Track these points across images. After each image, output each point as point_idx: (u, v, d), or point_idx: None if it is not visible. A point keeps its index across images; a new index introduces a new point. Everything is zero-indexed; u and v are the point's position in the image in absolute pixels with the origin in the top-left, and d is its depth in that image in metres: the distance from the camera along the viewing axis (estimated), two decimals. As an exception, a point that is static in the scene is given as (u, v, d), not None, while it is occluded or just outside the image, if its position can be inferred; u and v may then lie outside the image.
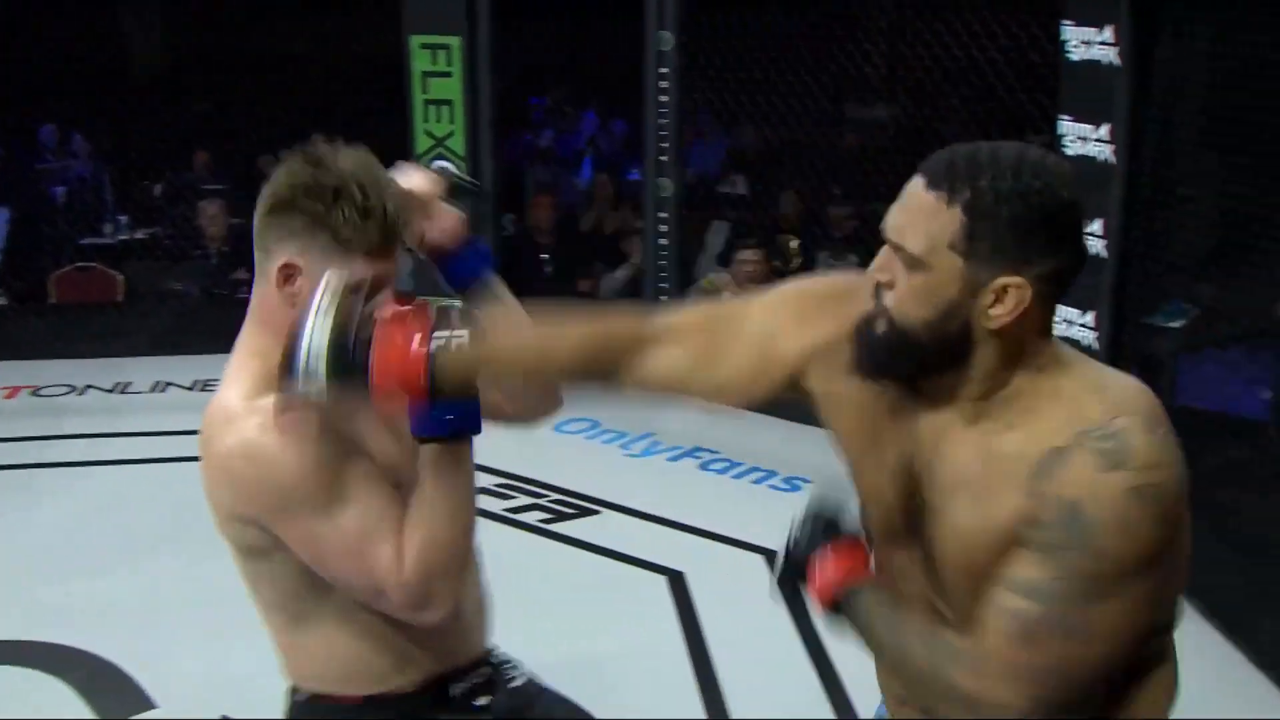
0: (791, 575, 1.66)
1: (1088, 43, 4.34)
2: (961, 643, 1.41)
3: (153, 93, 8.00)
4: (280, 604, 1.82)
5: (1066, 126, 4.49)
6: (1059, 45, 4.50)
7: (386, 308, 1.67)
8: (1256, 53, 3.74)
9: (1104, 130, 4.34)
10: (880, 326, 1.41)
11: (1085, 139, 4.40)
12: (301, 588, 1.76)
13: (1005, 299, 1.35)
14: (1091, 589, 1.33)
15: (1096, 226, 4.41)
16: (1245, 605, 3.81)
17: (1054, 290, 1.38)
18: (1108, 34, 4.27)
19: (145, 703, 3.27)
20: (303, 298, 1.63)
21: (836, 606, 1.56)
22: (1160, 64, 4.21)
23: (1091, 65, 4.34)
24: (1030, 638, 1.35)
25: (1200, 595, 3.91)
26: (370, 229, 1.70)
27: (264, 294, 1.80)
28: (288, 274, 1.74)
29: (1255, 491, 3.92)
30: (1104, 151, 4.34)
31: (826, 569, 1.58)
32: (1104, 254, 4.39)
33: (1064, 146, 4.51)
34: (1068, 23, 4.43)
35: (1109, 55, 4.27)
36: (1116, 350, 4.45)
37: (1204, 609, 3.86)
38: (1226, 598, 3.87)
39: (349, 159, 1.75)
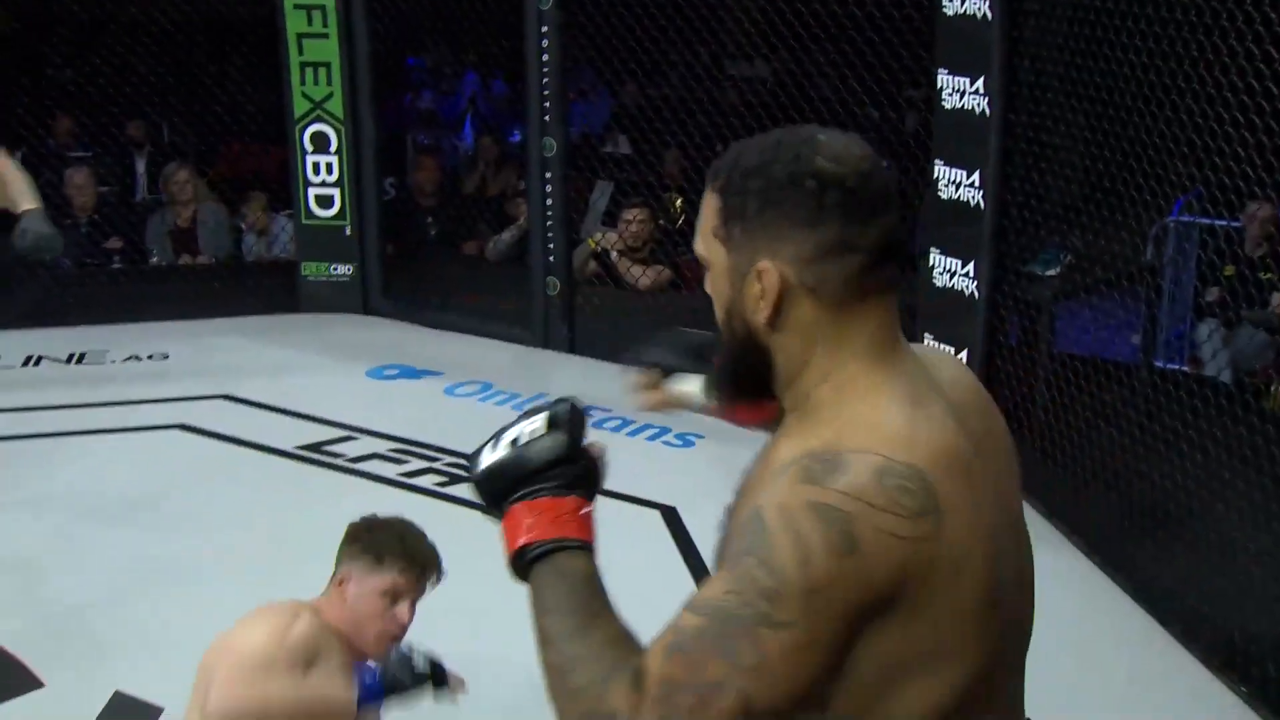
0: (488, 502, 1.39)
1: (962, -1, 4.41)
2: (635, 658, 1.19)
3: (5, 56, 7.68)
4: None
5: (944, 80, 4.56)
6: (934, 1, 4.56)
7: None
8: (1118, 4, 3.83)
9: (980, 83, 4.41)
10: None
11: (963, 92, 4.47)
12: None
13: (762, 284, 1.23)
14: (760, 610, 1.12)
15: (975, 178, 4.50)
16: (1121, 540, 3.95)
17: (828, 278, 1.22)
18: (980, -10, 4.34)
19: (31, 681, 3.18)
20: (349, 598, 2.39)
21: (522, 564, 1.30)
22: (1029, 15, 4.29)
23: (966, 19, 4.41)
24: (680, 650, 1.15)
25: (1081, 532, 4.05)
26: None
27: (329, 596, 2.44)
28: (341, 580, 2.42)
29: (1128, 433, 4.05)
30: (980, 104, 4.41)
31: (521, 512, 1.32)
32: (982, 205, 4.48)
33: (943, 100, 4.58)
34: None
35: (982, 8, 4.34)
36: (997, 299, 4.55)
37: (1084, 546, 4.00)
38: (1104, 533, 4.00)
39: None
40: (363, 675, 2.25)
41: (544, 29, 5.83)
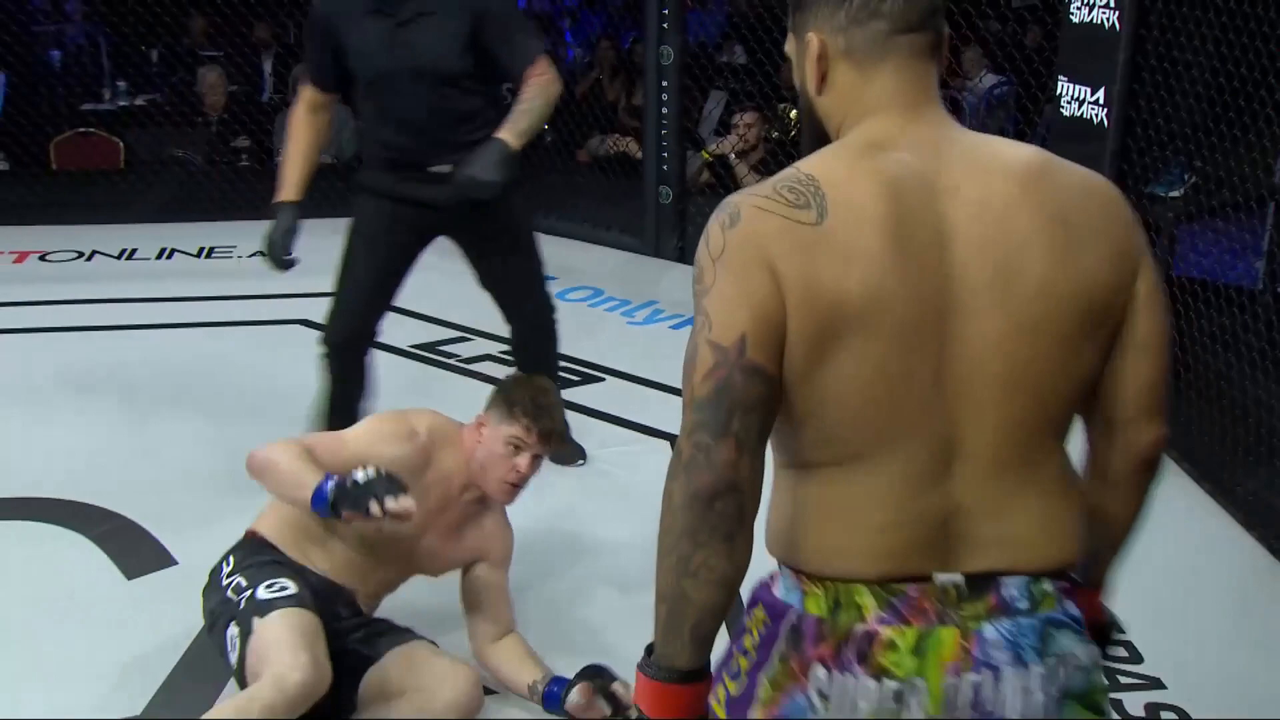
0: None
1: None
2: None
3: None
4: None
5: (1073, -7, 4.40)
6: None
7: None
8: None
9: (1110, -4, 4.25)
10: None
11: (1092, 5, 4.31)
12: None
13: (807, 55, 1.47)
14: (697, 291, 1.40)
15: (1099, 95, 4.35)
16: (1234, 467, 3.85)
17: (856, 42, 1.44)
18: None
19: (167, 558, 3.30)
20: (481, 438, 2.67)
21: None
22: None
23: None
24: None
25: (1192, 459, 3.96)
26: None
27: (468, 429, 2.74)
28: (480, 423, 2.69)
29: (1245, 360, 3.93)
30: (1110, 18, 4.25)
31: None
32: (1106, 122, 4.34)
33: (1070, 14, 4.42)
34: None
35: (1117, -80, 4.16)
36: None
37: (1194, 472, 3.91)
38: (1216, 460, 3.91)
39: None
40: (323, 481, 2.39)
41: (665, -65, 5.74)
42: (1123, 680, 2.84)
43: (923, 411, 1.38)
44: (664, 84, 5.96)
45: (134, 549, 3.33)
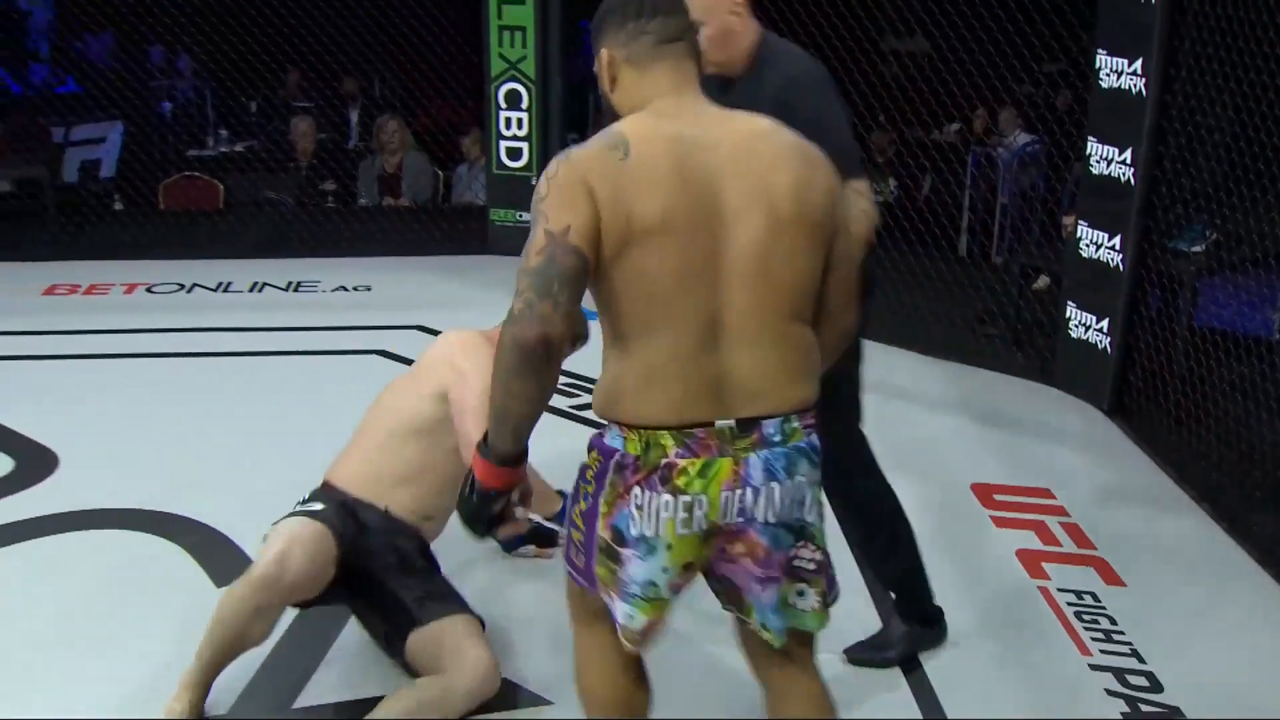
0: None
1: (1125, -19, 4.23)
2: None
3: (248, 17, 7.95)
4: None
5: (1103, 60, 4.39)
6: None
7: None
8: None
9: (1138, 64, 4.23)
10: None
11: (1120, 72, 4.30)
12: None
13: (602, 65, 1.99)
14: (535, 213, 1.84)
15: (1126, 155, 4.33)
16: (1249, 507, 3.80)
17: (634, 51, 1.94)
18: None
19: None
20: None
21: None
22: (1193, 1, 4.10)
23: (1130, 2, 4.22)
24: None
25: (1210, 499, 3.90)
26: None
27: None
28: None
29: (1263, 406, 3.88)
30: (1137, 84, 4.24)
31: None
32: (1132, 181, 4.31)
33: (1100, 79, 4.41)
34: (1107, -39, 4.31)
35: (1145, -7, 4.16)
36: (1141, 272, 4.39)
37: (1212, 511, 3.86)
38: (1233, 500, 3.86)
39: None
40: None
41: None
42: (1144, 709, 2.81)
43: (698, 297, 1.84)
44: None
45: (222, 558, 3.38)
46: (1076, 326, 4.64)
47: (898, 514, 2.91)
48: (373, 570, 2.77)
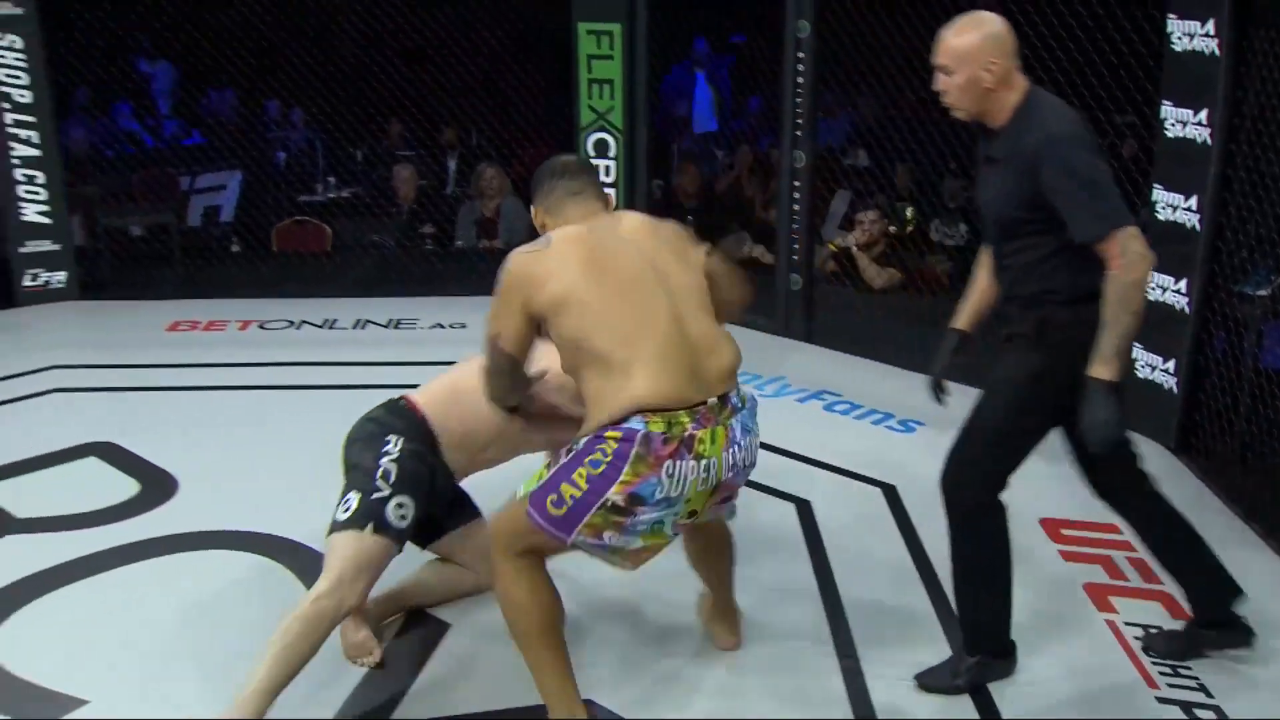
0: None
1: (1191, 35, 4.17)
2: None
3: (354, 72, 8.16)
4: None
5: (1168, 110, 4.33)
6: (1163, 36, 4.32)
7: None
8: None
9: (1203, 115, 4.17)
10: None
11: (1185, 122, 4.23)
12: None
13: (534, 217, 2.78)
14: (489, 314, 2.64)
15: (1192, 202, 4.26)
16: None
17: (551, 203, 2.75)
18: (1210, 27, 4.09)
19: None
20: None
21: None
22: (1257, 54, 4.02)
23: (1194, 55, 4.16)
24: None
25: (1277, 535, 3.80)
26: None
27: None
28: None
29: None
30: (1202, 134, 4.17)
31: None
32: (1198, 227, 4.24)
33: (1165, 130, 4.35)
34: (1172, 15, 4.25)
35: (1210, 45, 4.09)
36: (1206, 315, 4.30)
37: (1275, 545, 3.76)
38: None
39: None
40: None
41: (799, 54, 5.81)
42: (1200, 715, 2.77)
43: (658, 320, 2.48)
44: (796, 184, 6.01)
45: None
46: (1143, 367, 4.56)
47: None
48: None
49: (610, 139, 6.84)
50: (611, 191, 6.90)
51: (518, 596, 2.52)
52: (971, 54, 2.66)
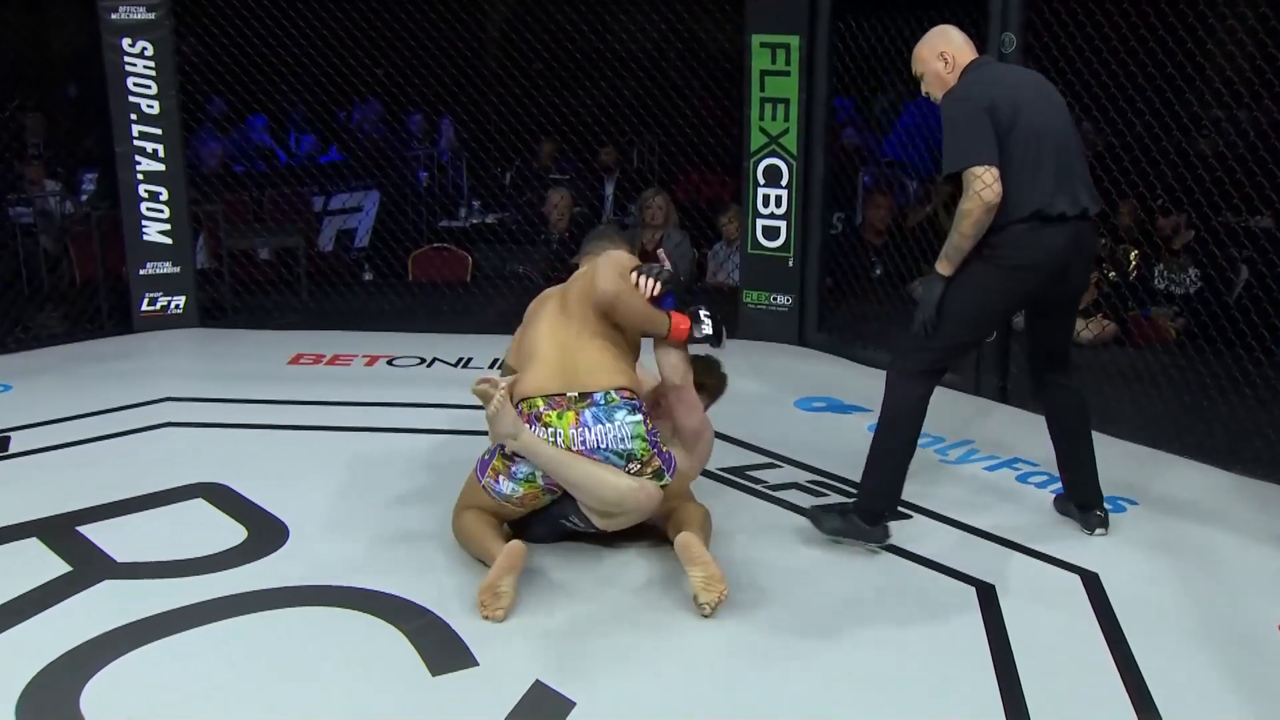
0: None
1: None
2: None
3: (506, 85, 8.33)
4: None
5: None
6: None
7: None
8: None
9: None
10: None
11: None
12: None
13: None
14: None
15: None
16: None
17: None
18: None
19: (469, 658, 3.41)
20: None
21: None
22: None
23: None
24: None
25: None
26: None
27: None
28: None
29: None
30: None
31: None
32: None
33: None
34: None
35: None
36: None
37: None
38: None
39: None
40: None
41: (1003, 72, 5.67)
42: None
43: (558, 340, 3.95)
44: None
45: (441, 647, 3.46)
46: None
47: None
48: None
49: (783, 165, 6.80)
50: (781, 225, 6.86)
51: (463, 523, 3.99)
52: (924, 53, 3.98)
